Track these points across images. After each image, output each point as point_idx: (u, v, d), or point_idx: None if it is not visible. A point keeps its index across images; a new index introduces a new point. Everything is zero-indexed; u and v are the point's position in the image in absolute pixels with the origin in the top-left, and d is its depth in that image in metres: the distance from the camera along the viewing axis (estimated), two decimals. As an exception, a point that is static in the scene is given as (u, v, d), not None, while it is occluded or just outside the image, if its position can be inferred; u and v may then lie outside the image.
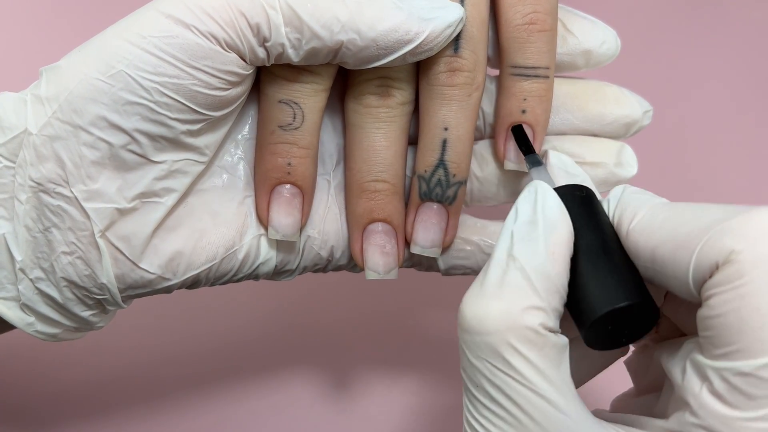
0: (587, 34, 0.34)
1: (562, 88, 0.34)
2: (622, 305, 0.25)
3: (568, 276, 0.26)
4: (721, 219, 0.24)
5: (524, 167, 0.33)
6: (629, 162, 0.34)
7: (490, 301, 0.25)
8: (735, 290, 0.23)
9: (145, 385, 0.43)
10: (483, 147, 0.34)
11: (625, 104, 0.34)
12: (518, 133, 0.32)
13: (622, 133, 0.34)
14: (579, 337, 0.27)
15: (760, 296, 0.23)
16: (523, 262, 0.25)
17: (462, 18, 0.30)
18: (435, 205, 0.33)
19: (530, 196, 0.27)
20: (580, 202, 0.28)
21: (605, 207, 0.28)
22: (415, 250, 0.33)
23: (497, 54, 0.33)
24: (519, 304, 0.25)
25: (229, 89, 0.30)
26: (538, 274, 0.25)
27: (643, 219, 0.26)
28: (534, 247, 0.26)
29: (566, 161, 0.32)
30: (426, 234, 0.33)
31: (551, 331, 0.25)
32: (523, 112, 0.32)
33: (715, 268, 0.23)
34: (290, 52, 0.29)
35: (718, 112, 0.51)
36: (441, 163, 0.32)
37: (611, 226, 0.27)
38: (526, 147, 0.32)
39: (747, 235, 0.23)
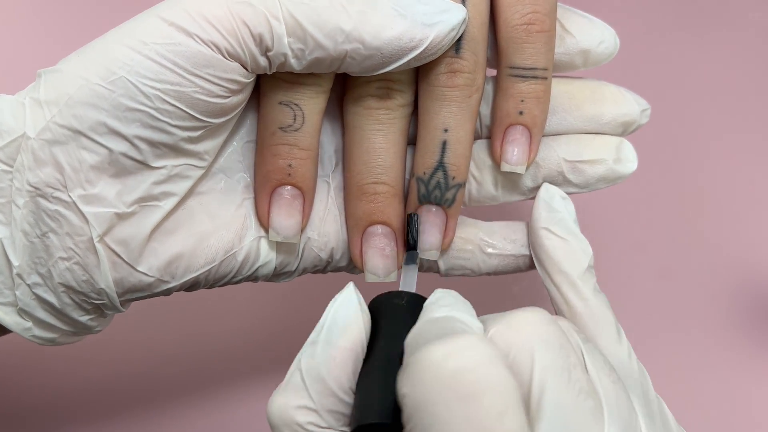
0: (585, 34, 0.33)
1: (559, 87, 0.34)
2: (369, 423, 0.25)
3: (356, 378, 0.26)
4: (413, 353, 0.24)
5: (522, 169, 0.33)
6: (629, 157, 0.34)
7: (277, 395, 0.26)
8: None
9: (145, 387, 0.43)
10: (480, 148, 0.34)
11: (623, 103, 0.34)
12: (411, 222, 0.32)
13: (619, 132, 0.34)
14: None
15: None
16: (302, 365, 0.26)
17: (465, 19, 0.30)
18: (434, 208, 0.33)
19: (335, 298, 0.28)
20: (393, 311, 0.28)
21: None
22: (414, 252, 0.33)
23: (495, 54, 0.33)
24: (293, 402, 0.26)
25: (230, 97, 0.29)
26: (311, 377, 0.26)
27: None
28: (313, 350, 0.26)
29: (553, 194, 0.33)
30: (425, 237, 0.33)
31: (326, 428, 0.26)
32: (521, 113, 0.32)
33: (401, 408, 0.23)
34: (292, 61, 0.29)
35: (718, 109, 0.51)
36: (440, 165, 0.32)
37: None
38: (412, 240, 0.32)
39: (409, 377, 0.23)
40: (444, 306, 0.27)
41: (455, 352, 0.22)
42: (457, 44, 0.31)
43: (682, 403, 0.43)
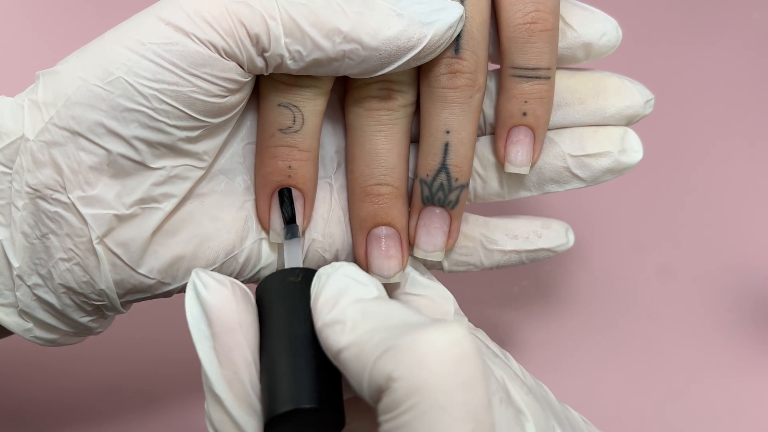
0: (586, 27, 0.33)
1: (561, 81, 0.33)
2: (286, 410, 0.24)
3: (247, 363, 0.25)
4: (396, 335, 0.23)
5: (526, 170, 0.33)
6: (634, 147, 0.33)
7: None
8: (392, 420, 0.22)
9: (145, 388, 0.43)
10: (484, 145, 0.34)
11: (627, 95, 0.34)
12: (283, 197, 0.31)
13: (623, 124, 0.34)
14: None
15: (412, 428, 0.22)
16: (203, 374, 0.25)
17: (462, 16, 0.30)
18: (437, 210, 0.33)
19: (189, 295, 0.26)
20: (290, 289, 0.27)
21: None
22: (418, 254, 0.33)
23: (498, 52, 0.33)
24: (215, 417, 0.26)
25: (227, 96, 0.29)
26: (214, 383, 0.25)
27: (338, 314, 0.25)
28: (201, 358, 0.25)
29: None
30: (429, 238, 0.33)
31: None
32: (524, 114, 0.32)
33: (381, 393, 0.23)
34: (289, 62, 0.29)
35: (720, 109, 0.51)
36: (443, 167, 0.32)
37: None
38: (288, 215, 0.31)
39: (404, 361, 0.22)
40: (340, 269, 0.27)
41: (458, 339, 0.22)
42: (457, 44, 0.31)
43: (683, 403, 0.43)
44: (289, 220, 0.31)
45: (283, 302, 0.26)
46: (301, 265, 0.29)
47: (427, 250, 0.33)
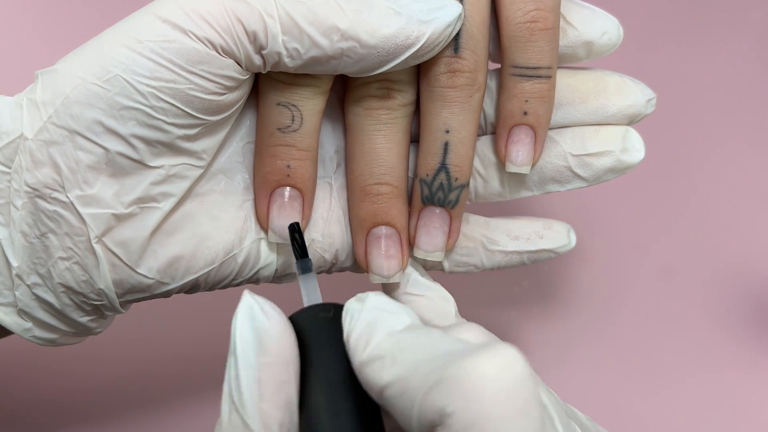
0: (587, 25, 0.33)
1: (562, 80, 0.33)
2: None
3: (289, 401, 0.24)
4: (442, 366, 0.22)
5: (527, 170, 0.33)
6: (635, 146, 0.33)
7: None
8: None
9: (144, 388, 0.43)
10: (485, 144, 0.34)
11: (628, 94, 0.33)
12: (293, 233, 0.30)
13: (625, 123, 0.34)
14: None
15: None
16: (235, 400, 0.24)
17: (460, 15, 0.30)
18: (437, 210, 0.32)
19: (243, 318, 0.24)
20: (323, 327, 0.26)
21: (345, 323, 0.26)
22: (418, 254, 0.33)
23: (498, 51, 0.32)
24: None
25: (225, 94, 0.29)
26: (249, 414, 0.23)
27: (376, 350, 0.24)
28: (238, 383, 0.24)
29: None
30: (429, 238, 0.33)
31: None
32: (525, 113, 0.32)
33: (434, 428, 0.22)
34: (286, 60, 0.29)
35: (720, 109, 0.51)
36: (443, 167, 0.32)
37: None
38: (300, 251, 0.30)
39: (457, 395, 0.21)
40: (367, 302, 0.26)
41: (509, 363, 0.22)
42: (456, 43, 0.31)
43: (683, 403, 0.43)
44: (301, 255, 0.30)
45: (317, 340, 0.25)
46: (320, 300, 0.28)
47: (427, 250, 0.33)
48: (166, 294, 0.32)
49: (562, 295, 0.45)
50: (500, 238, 0.34)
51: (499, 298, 0.45)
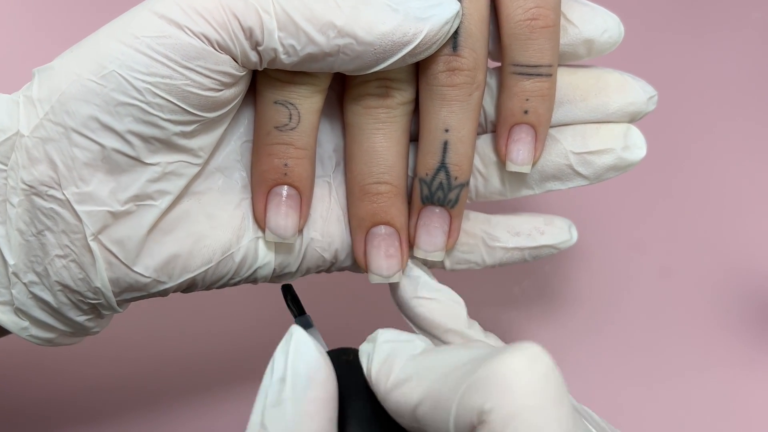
0: (588, 23, 0.33)
1: (562, 78, 0.33)
2: None
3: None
4: (471, 370, 0.23)
5: (528, 169, 0.32)
6: (637, 144, 0.33)
7: None
8: None
9: (143, 388, 0.43)
10: (485, 143, 0.34)
11: (629, 92, 0.33)
12: (287, 293, 0.31)
13: (626, 121, 0.33)
14: None
15: None
16: (271, 429, 0.24)
17: (458, 12, 0.30)
18: (437, 209, 0.32)
19: (285, 347, 0.25)
20: (345, 367, 0.26)
21: (363, 361, 0.26)
22: (418, 254, 0.33)
23: (498, 49, 0.32)
24: None
25: (222, 90, 0.29)
26: None
27: (400, 375, 0.25)
28: (282, 412, 0.24)
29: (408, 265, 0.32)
30: (429, 238, 0.33)
31: None
32: (526, 112, 0.32)
33: (474, 429, 0.22)
34: (283, 57, 0.29)
35: (720, 109, 0.51)
36: (442, 166, 0.32)
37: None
38: (297, 308, 0.30)
39: (493, 391, 0.22)
40: (379, 339, 0.27)
41: (536, 355, 0.22)
42: (455, 41, 0.30)
43: (683, 403, 0.43)
44: (298, 313, 0.30)
45: (343, 381, 0.26)
46: (326, 349, 0.28)
47: (428, 250, 0.33)
48: (163, 293, 0.31)
49: (562, 295, 0.45)
50: (501, 234, 0.34)
51: (499, 298, 0.45)
